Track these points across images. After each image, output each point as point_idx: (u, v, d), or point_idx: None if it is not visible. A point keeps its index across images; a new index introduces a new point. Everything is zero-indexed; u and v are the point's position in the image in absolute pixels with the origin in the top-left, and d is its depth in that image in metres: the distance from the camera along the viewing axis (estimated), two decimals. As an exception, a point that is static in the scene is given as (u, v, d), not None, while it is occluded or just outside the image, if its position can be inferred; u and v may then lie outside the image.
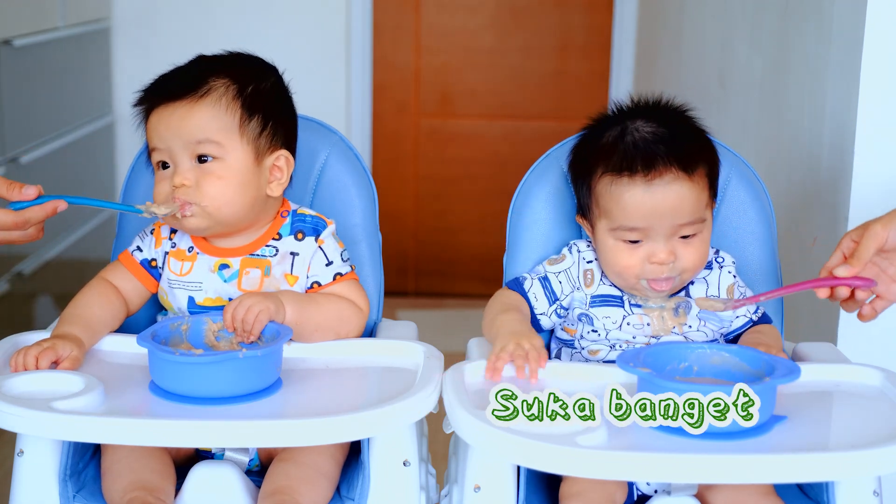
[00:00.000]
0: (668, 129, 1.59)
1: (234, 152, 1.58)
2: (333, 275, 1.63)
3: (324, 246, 1.64)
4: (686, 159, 1.57)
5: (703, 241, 1.60)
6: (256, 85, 1.62)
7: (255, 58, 1.70)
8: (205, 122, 1.57)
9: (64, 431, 1.36)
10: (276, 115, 1.64)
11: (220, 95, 1.58)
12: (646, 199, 1.56)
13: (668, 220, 1.56)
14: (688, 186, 1.57)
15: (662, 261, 1.56)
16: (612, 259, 1.60)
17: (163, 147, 1.59)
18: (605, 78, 4.03)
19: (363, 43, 3.93)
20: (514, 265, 1.75)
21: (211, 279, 1.62)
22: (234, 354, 1.39)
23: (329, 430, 1.35)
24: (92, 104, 3.55)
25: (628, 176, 1.56)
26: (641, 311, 1.61)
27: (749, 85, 2.56)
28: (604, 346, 1.62)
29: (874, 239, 1.49)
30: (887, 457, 1.29)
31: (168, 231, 1.66)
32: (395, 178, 4.11)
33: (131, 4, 3.77)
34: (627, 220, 1.57)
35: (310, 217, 1.66)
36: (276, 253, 1.63)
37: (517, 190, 1.79)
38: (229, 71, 1.62)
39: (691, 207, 1.57)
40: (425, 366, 1.52)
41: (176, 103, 1.58)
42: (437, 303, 4.07)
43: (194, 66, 1.64)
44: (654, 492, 1.52)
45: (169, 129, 1.58)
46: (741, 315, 1.66)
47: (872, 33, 1.81)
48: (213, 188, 1.57)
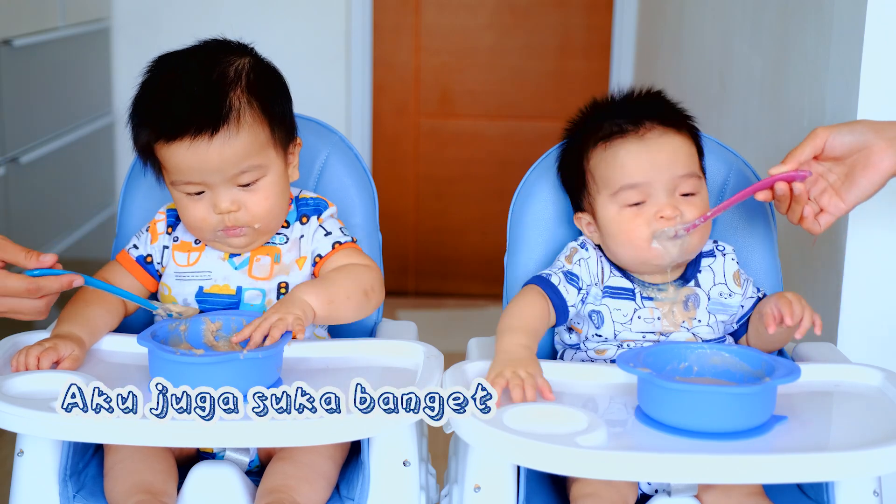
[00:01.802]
0: (645, 98, 1.65)
1: (272, 165, 1.57)
2: (332, 244, 1.63)
3: (324, 223, 1.65)
4: (670, 117, 1.62)
5: (703, 202, 1.60)
6: (257, 77, 1.57)
7: (224, 42, 1.62)
8: (244, 150, 1.53)
9: (64, 431, 1.36)
10: (279, 98, 1.61)
11: (245, 113, 1.53)
12: (642, 152, 1.58)
13: (666, 172, 1.57)
14: (679, 140, 1.60)
15: (669, 216, 1.56)
16: (618, 229, 1.60)
17: (196, 180, 1.54)
18: (605, 78, 4.03)
19: (363, 43, 3.93)
20: (515, 265, 1.75)
21: (221, 266, 1.62)
22: (234, 355, 1.39)
23: (329, 430, 1.35)
24: (92, 104, 3.55)
25: (620, 136, 1.60)
26: (653, 305, 1.61)
27: (749, 85, 2.56)
28: (611, 346, 1.62)
29: (812, 141, 1.54)
30: (887, 457, 1.29)
31: (165, 226, 1.66)
32: (395, 178, 4.11)
33: (131, 4, 3.77)
34: (627, 177, 1.58)
35: (312, 199, 1.67)
36: (286, 241, 1.64)
37: (517, 190, 1.79)
38: (225, 73, 1.55)
39: (686, 159, 1.59)
40: (425, 366, 1.52)
41: (202, 137, 1.50)
42: (437, 303, 4.07)
43: (195, 83, 1.53)
44: (654, 492, 1.52)
45: (206, 164, 1.52)
46: (749, 297, 1.67)
47: (872, 33, 1.81)
48: (261, 207, 1.57)
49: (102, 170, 3.66)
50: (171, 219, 1.67)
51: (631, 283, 1.63)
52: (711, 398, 1.33)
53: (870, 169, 1.53)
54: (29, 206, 3.04)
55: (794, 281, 2.00)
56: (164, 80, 1.56)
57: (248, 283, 1.61)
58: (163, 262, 1.66)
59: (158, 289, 1.66)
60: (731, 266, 1.66)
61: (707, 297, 1.63)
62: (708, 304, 1.63)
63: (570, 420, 1.35)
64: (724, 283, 1.65)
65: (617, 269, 1.64)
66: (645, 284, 1.62)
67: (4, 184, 2.87)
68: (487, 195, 4.10)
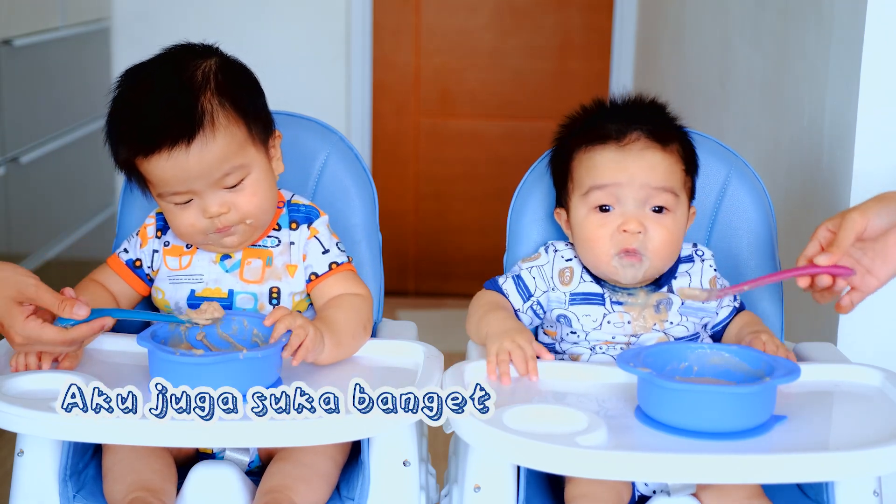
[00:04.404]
0: (643, 109, 1.65)
1: (254, 163, 1.56)
2: (329, 264, 1.63)
3: (318, 235, 1.64)
4: (659, 133, 1.61)
5: (675, 223, 1.59)
6: (225, 76, 1.55)
7: (188, 46, 1.59)
8: (223, 152, 1.52)
9: (64, 431, 1.36)
10: (251, 94, 1.60)
11: (219, 115, 1.52)
12: (618, 157, 1.59)
13: (638, 180, 1.57)
14: (661, 156, 1.59)
15: (632, 230, 1.56)
16: (583, 232, 1.60)
17: (182, 189, 1.53)
18: (605, 78, 4.03)
19: (363, 43, 3.93)
20: (515, 265, 1.75)
21: (212, 270, 1.62)
22: (234, 355, 1.38)
23: (328, 430, 1.35)
24: (92, 104, 3.54)
25: (601, 143, 1.60)
26: (622, 309, 1.61)
27: (749, 85, 2.56)
28: (585, 350, 1.62)
29: (853, 227, 1.49)
30: (887, 457, 1.29)
31: (154, 230, 1.66)
32: (395, 178, 4.11)
33: (131, 4, 3.77)
34: (598, 178, 1.58)
35: (303, 206, 1.66)
36: (278, 244, 1.63)
37: (517, 190, 1.79)
38: (192, 77, 1.52)
39: (664, 174, 1.59)
40: (425, 366, 1.52)
41: (179, 146, 1.49)
42: (437, 303, 4.07)
43: (164, 92, 1.52)
44: (652, 492, 1.52)
45: (188, 172, 1.50)
46: (725, 305, 1.67)
47: (872, 33, 1.81)
48: (251, 205, 1.56)
49: (102, 170, 3.66)
50: (161, 222, 1.66)
51: (601, 287, 1.63)
52: (711, 398, 1.33)
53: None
54: (29, 206, 3.04)
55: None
56: (134, 94, 1.54)
57: (240, 287, 1.61)
58: (153, 266, 1.65)
59: (152, 293, 1.66)
60: (708, 272, 1.66)
61: (681, 300, 1.62)
62: (681, 307, 1.62)
63: (570, 420, 1.35)
64: (701, 287, 1.64)
65: (588, 273, 1.64)
66: (615, 289, 1.62)
67: (4, 184, 2.87)
68: (487, 195, 4.10)
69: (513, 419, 1.34)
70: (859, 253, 1.51)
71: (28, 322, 1.41)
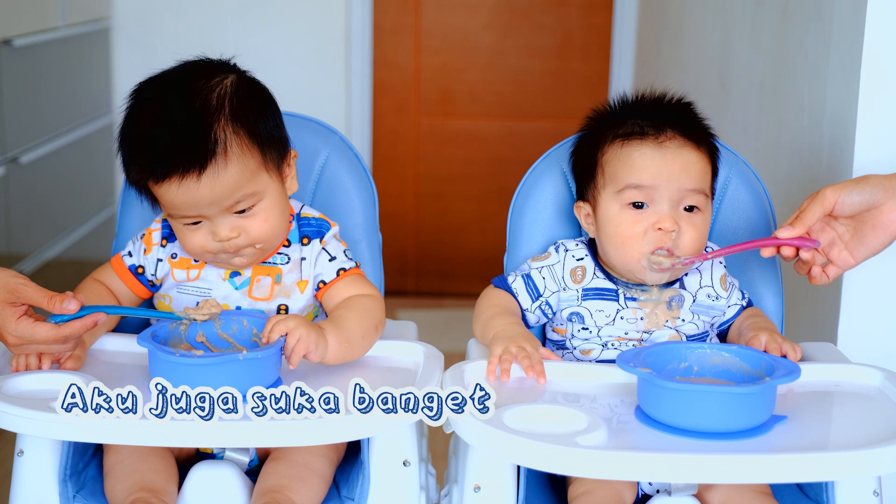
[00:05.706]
0: (673, 106, 1.65)
1: (267, 189, 1.54)
2: (337, 270, 1.62)
3: (327, 246, 1.63)
4: (694, 131, 1.62)
5: (704, 222, 1.60)
6: (241, 101, 1.52)
7: (205, 63, 1.56)
8: (235, 182, 1.49)
9: (64, 431, 1.36)
10: (267, 116, 1.56)
11: (233, 144, 1.48)
12: (656, 157, 1.58)
13: (675, 182, 1.57)
14: (696, 155, 1.60)
15: (667, 228, 1.56)
16: (615, 229, 1.59)
17: (192, 214, 1.51)
18: (605, 78, 4.03)
19: (363, 43, 3.93)
20: (515, 265, 1.75)
21: (222, 286, 1.61)
22: (234, 356, 1.39)
23: (328, 430, 1.35)
24: (92, 104, 3.55)
25: (639, 138, 1.60)
26: (636, 305, 1.61)
27: (749, 85, 2.56)
28: (596, 346, 1.62)
29: (821, 203, 1.53)
30: (887, 457, 1.29)
31: (160, 237, 1.65)
32: (395, 178, 4.11)
33: (131, 4, 3.77)
34: (635, 177, 1.58)
35: (314, 220, 1.65)
36: (287, 261, 1.62)
37: (517, 190, 1.79)
38: (207, 101, 1.49)
39: (699, 175, 1.59)
40: (425, 366, 1.52)
41: (191, 175, 1.47)
42: (437, 303, 4.07)
43: (177, 117, 1.48)
44: (656, 491, 1.52)
45: (198, 200, 1.48)
46: (734, 304, 1.67)
47: (872, 33, 1.81)
48: (261, 231, 1.54)
49: (102, 170, 3.66)
50: (167, 230, 1.65)
51: (614, 284, 1.63)
52: (711, 398, 1.33)
53: (879, 229, 1.53)
54: (29, 206, 3.04)
55: (794, 280, 2.00)
56: (147, 113, 1.51)
57: (248, 304, 1.61)
58: (157, 275, 1.64)
59: (157, 299, 1.65)
60: (718, 269, 1.66)
61: (693, 298, 1.63)
62: (692, 304, 1.63)
63: (570, 420, 1.35)
64: (711, 285, 1.65)
65: (601, 271, 1.64)
66: (628, 285, 1.62)
67: (4, 184, 2.87)
68: (487, 195, 4.10)
69: (513, 419, 1.35)
70: (841, 229, 1.55)
71: (20, 322, 1.41)
